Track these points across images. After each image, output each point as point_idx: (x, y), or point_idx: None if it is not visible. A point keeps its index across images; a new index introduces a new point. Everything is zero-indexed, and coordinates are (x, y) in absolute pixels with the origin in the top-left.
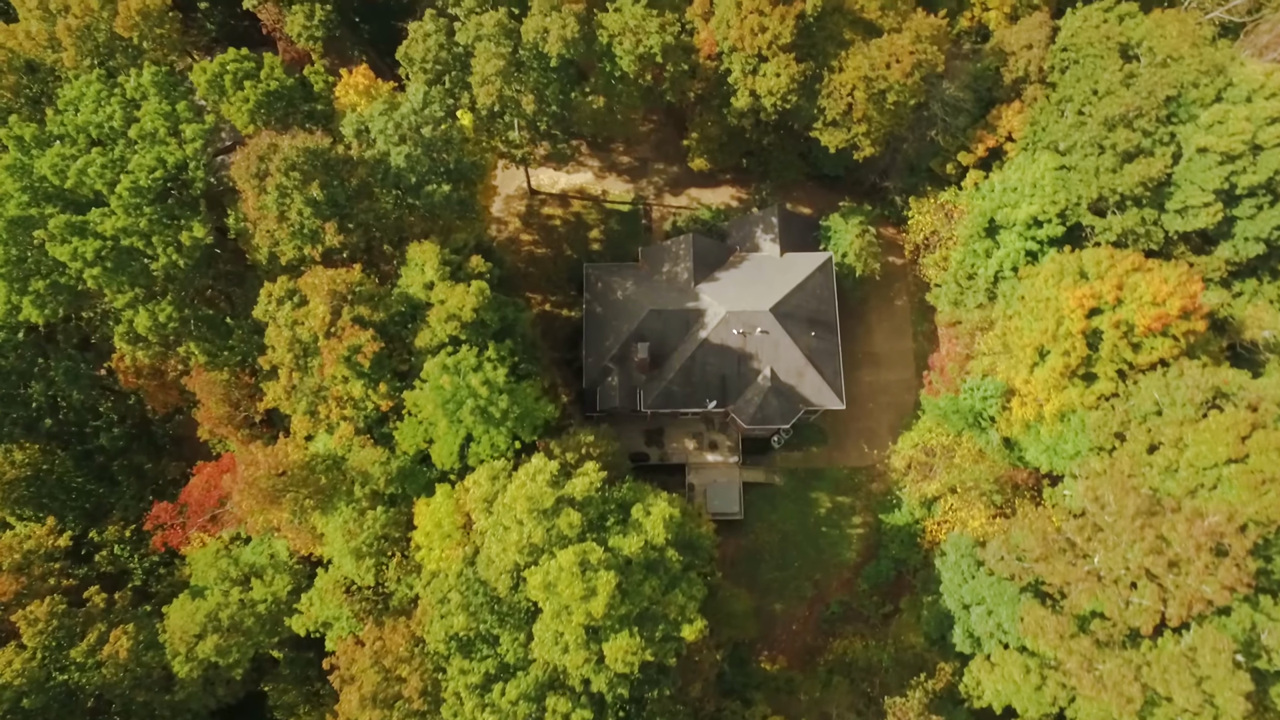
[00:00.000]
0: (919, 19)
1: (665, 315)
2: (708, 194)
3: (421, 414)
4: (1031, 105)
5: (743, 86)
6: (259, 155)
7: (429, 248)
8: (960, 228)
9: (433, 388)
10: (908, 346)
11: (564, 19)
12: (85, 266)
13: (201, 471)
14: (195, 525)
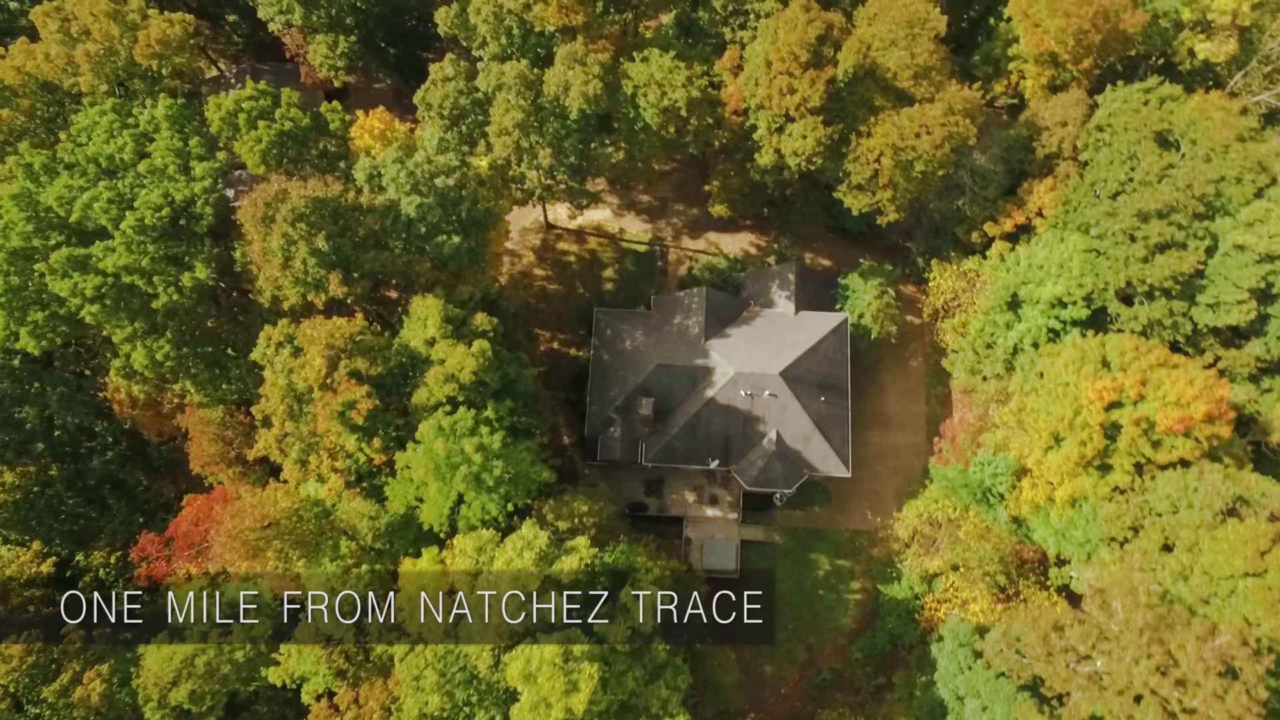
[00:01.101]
0: (952, 91)
1: (673, 370)
2: (726, 239)
3: (413, 476)
4: (1064, 182)
5: (768, 144)
6: (266, 201)
7: (432, 303)
8: (981, 297)
9: (425, 451)
10: (920, 409)
11: (587, 75)
12: (85, 303)
13: (192, 504)
14: (181, 559)
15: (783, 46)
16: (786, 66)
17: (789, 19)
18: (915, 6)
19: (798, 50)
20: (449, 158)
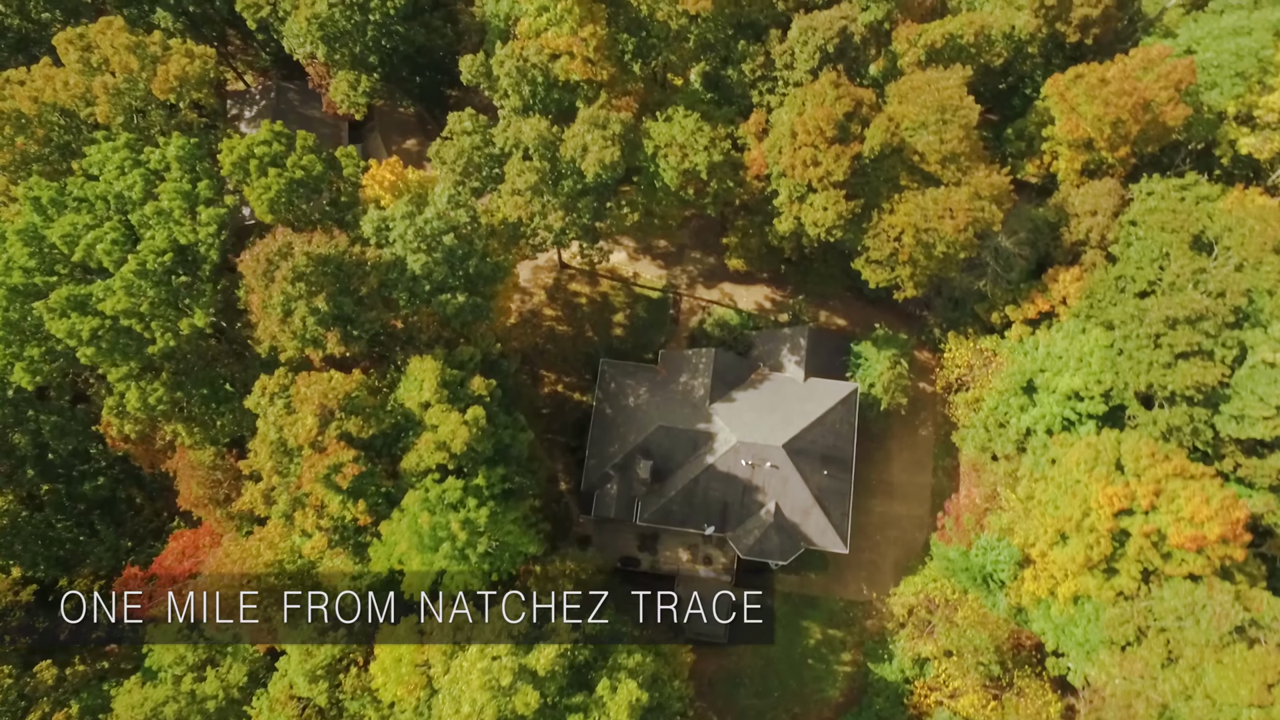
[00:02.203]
0: (980, 176)
1: (674, 433)
2: (741, 291)
3: (395, 549)
4: (1090, 271)
5: (788, 212)
6: (269, 257)
7: (430, 366)
8: (997, 378)
9: (409, 524)
10: (926, 481)
11: (605, 141)
12: (80, 344)
13: (178, 539)
14: (164, 595)
15: (809, 120)
16: (812, 140)
17: (817, 92)
18: (948, 92)
19: (824, 125)
20: (459, 214)
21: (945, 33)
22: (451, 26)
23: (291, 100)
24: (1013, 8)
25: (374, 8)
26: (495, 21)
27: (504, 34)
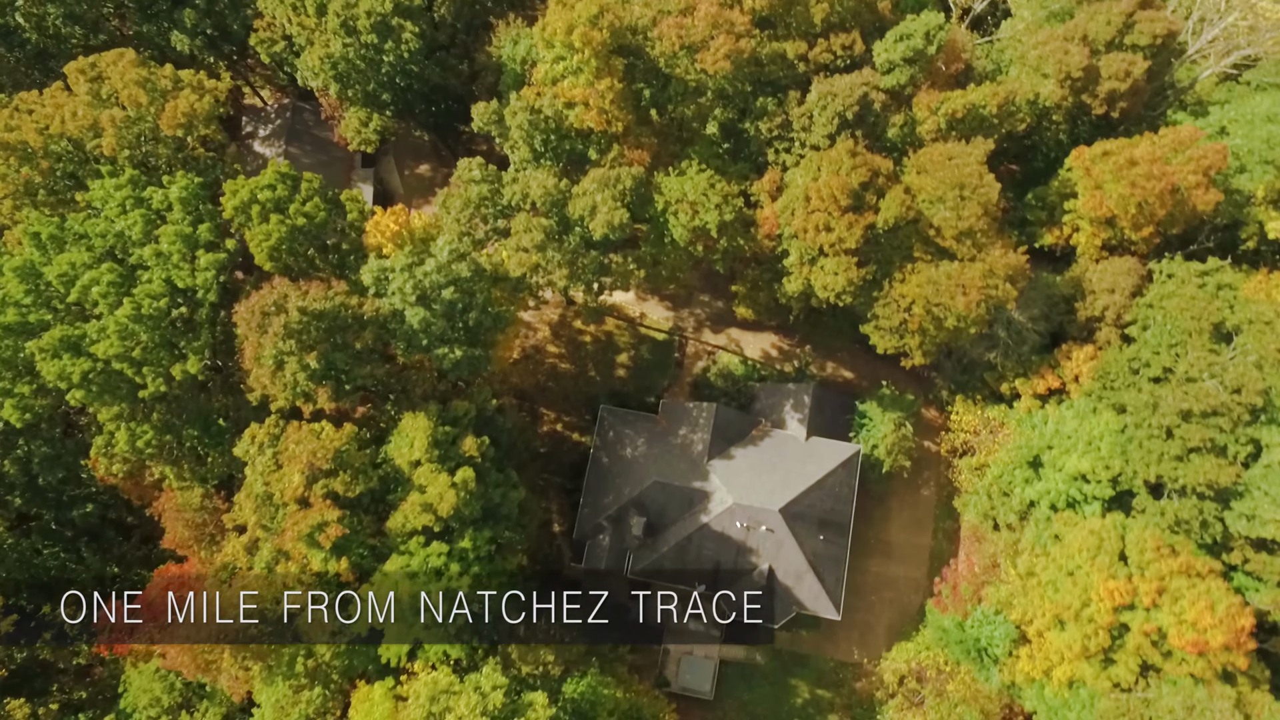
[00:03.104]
0: (996, 254)
1: (670, 489)
2: (749, 337)
3: (374, 614)
4: (1104, 350)
5: (798, 273)
6: (263, 310)
7: (422, 424)
8: (1003, 450)
9: (390, 592)
10: (925, 543)
11: (614, 203)
12: (71, 387)
13: (163, 574)
14: (145, 632)
15: (824, 187)
16: (825, 206)
17: (833, 159)
18: (968, 169)
19: (838, 194)
20: (461, 267)
21: (967, 103)
22: (468, 64)
23: (307, 120)
24: (1039, 75)
25: (388, 50)
26: (511, 65)
27: (520, 79)
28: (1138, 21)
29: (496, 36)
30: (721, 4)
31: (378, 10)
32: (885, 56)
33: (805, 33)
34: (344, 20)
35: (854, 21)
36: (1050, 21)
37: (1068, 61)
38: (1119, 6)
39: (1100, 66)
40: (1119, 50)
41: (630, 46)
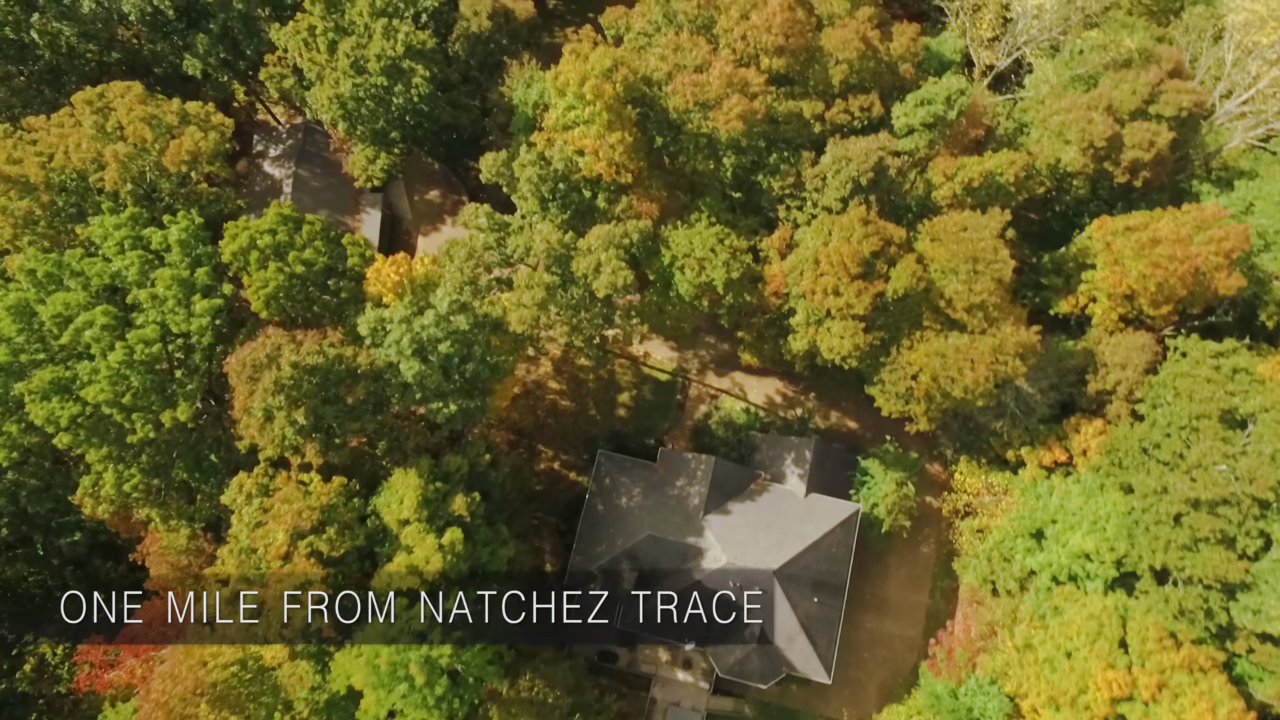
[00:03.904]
0: (1007, 330)
1: (664, 544)
2: (753, 382)
3: (351, 682)
4: (1114, 425)
5: (804, 333)
6: (254, 363)
7: (412, 481)
8: (1006, 518)
9: (367, 661)
10: (922, 601)
11: (620, 263)
12: (58, 430)
13: (146, 611)
14: (125, 668)
15: (834, 253)
16: (834, 272)
17: (845, 225)
18: (982, 243)
19: (849, 262)
20: (460, 320)
21: (984, 171)
22: (480, 100)
23: (318, 142)
24: (1060, 140)
25: (398, 92)
26: (523, 109)
27: (531, 122)
28: (1164, 92)
29: (510, 76)
30: (737, 62)
31: (389, 53)
32: (904, 120)
33: (823, 92)
34: (354, 60)
35: (873, 82)
36: (1075, 85)
37: (1091, 131)
38: (1145, 76)
39: (1124, 135)
40: (1144, 119)
41: (644, 97)
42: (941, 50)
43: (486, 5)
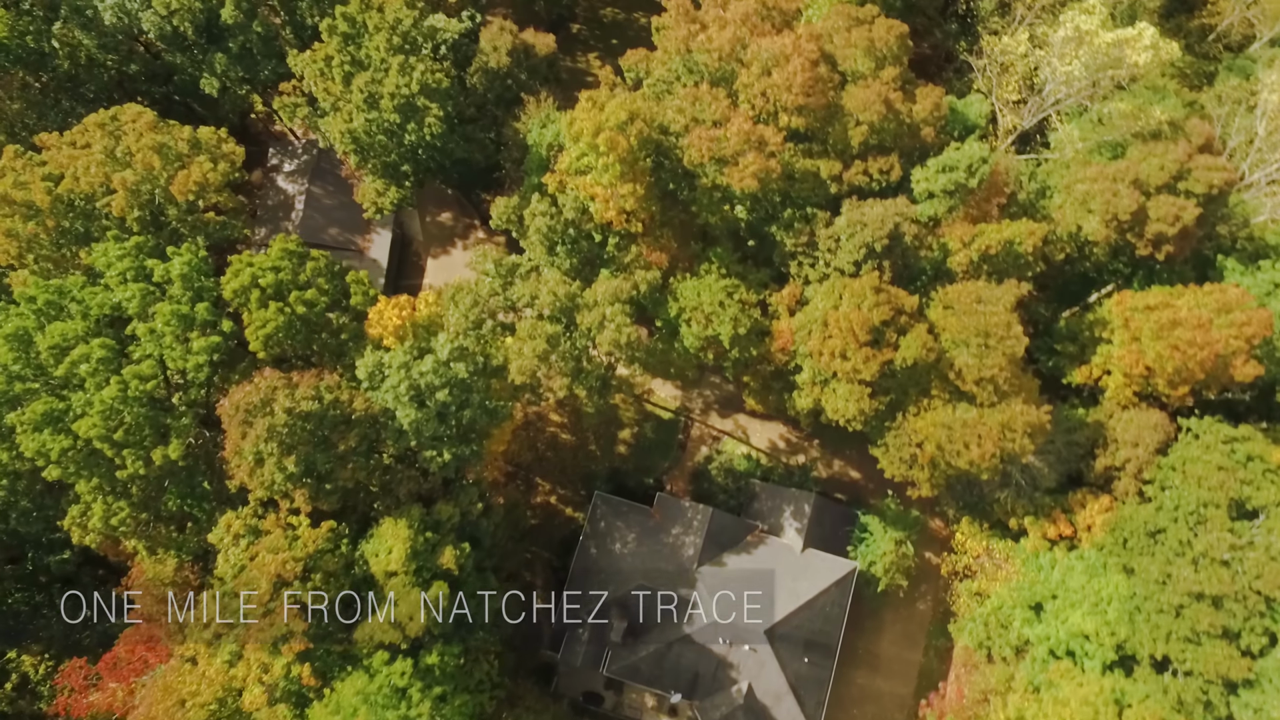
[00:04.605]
0: (1017, 407)
1: (655, 594)
2: (756, 425)
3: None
4: (1120, 502)
5: (809, 391)
6: (248, 408)
7: (402, 532)
8: (1005, 588)
9: (345, 718)
10: (915, 659)
11: (626, 319)
12: (48, 464)
13: (129, 639)
14: (107, 692)
15: (843, 319)
16: (843, 336)
17: (856, 291)
18: (996, 317)
19: (858, 330)
20: (460, 368)
21: (1003, 240)
22: (496, 135)
23: (333, 160)
24: (1084, 209)
25: (410, 130)
26: (537, 149)
27: (544, 163)
28: (1194, 169)
29: (526, 114)
30: (756, 118)
31: (403, 91)
32: (924, 186)
33: (841, 151)
34: (368, 95)
35: (894, 143)
36: (1101, 151)
37: (1116, 204)
38: (1175, 152)
39: (1149, 208)
40: (1171, 194)
41: (660, 145)
42: (966, 112)
43: (506, 41)
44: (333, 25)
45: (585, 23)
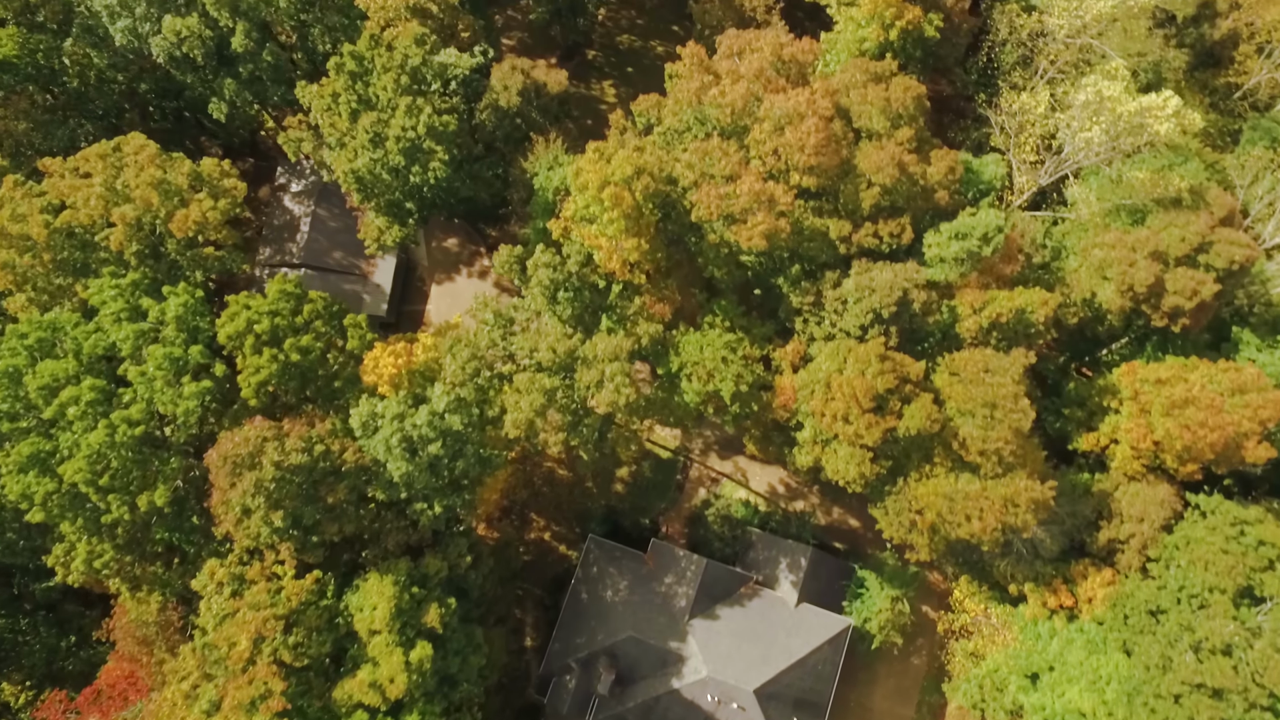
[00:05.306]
0: (1021, 482)
1: (645, 646)
2: (756, 469)
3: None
4: (1123, 576)
5: (810, 449)
6: (236, 461)
7: (387, 590)
8: (1002, 652)
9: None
10: (908, 715)
11: (624, 379)
12: (32, 507)
13: (111, 673)
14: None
15: (846, 384)
16: (846, 400)
17: (861, 357)
18: (1003, 389)
19: (861, 396)
20: (454, 420)
21: (1014, 308)
22: (503, 171)
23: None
24: (1099, 276)
25: (414, 173)
26: (543, 193)
27: (550, 208)
28: (1215, 243)
29: (534, 154)
30: (768, 176)
31: (409, 135)
32: (936, 251)
33: (852, 212)
34: (374, 135)
35: (906, 204)
36: (1119, 215)
37: (1134, 275)
38: (1196, 224)
39: (1167, 281)
40: (1190, 266)
41: (667, 196)
42: (982, 172)
43: (518, 81)
44: (340, 63)
45: (601, 49)
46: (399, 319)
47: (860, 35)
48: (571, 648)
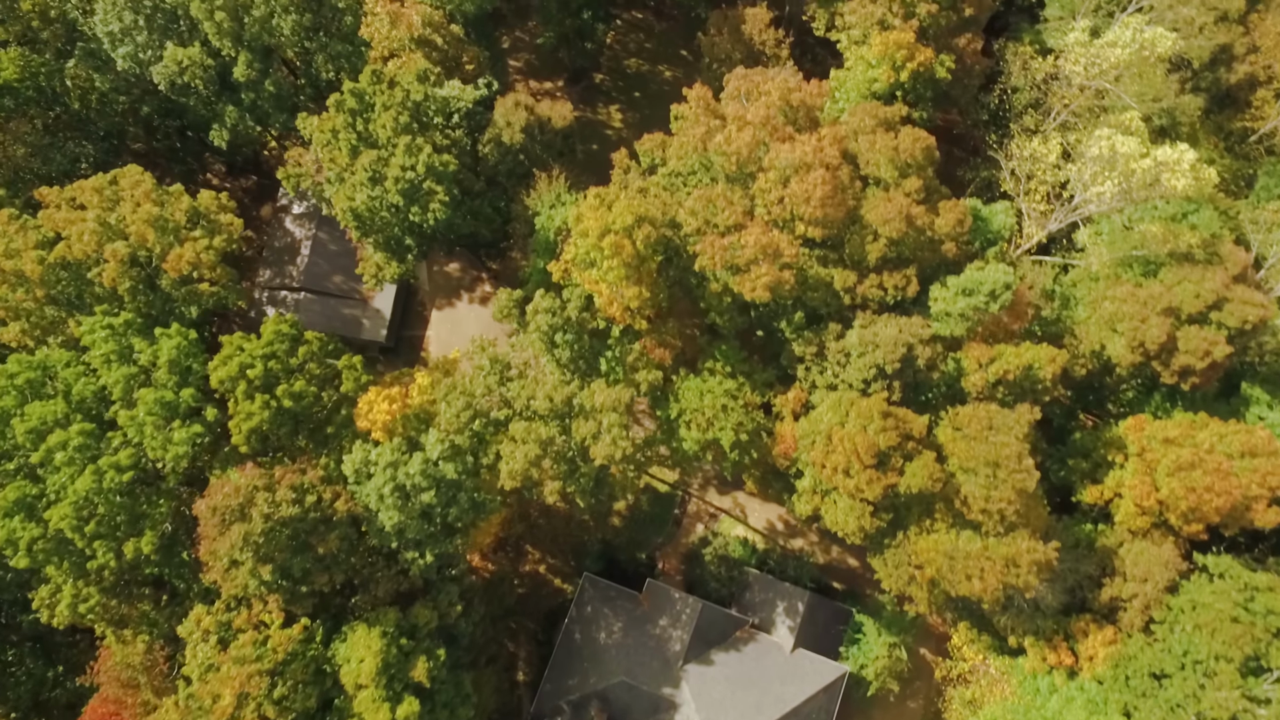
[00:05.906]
0: (1023, 543)
1: (637, 692)
2: (755, 505)
3: None
4: (1124, 636)
5: (809, 498)
6: (224, 513)
7: (375, 643)
8: (999, 705)
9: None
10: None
11: (621, 431)
12: (15, 554)
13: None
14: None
15: (848, 439)
16: (847, 454)
17: (864, 412)
18: (1007, 449)
19: (862, 453)
20: (449, 468)
21: (1021, 364)
22: (505, 205)
23: None
24: (1109, 329)
25: (414, 213)
26: (544, 232)
27: (551, 248)
28: (1230, 301)
29: (536, 190)
30: (773, 225)
31: (408, 176)
32: (942, 306)
33: (857, 262)
34: (373, 174)
35: (913, 255)
36: (1132, 266)
37: (1145, 332)
38: (1210, 281)
39: (1178, 339)
40: (1203, 324)
41: (670, 242)
42: (990, 220)
43: (521, 118)
44: (340, 100)
45: (609, 73)
46: (399, 344)
47: (871, 76)
48: (563, 689)
